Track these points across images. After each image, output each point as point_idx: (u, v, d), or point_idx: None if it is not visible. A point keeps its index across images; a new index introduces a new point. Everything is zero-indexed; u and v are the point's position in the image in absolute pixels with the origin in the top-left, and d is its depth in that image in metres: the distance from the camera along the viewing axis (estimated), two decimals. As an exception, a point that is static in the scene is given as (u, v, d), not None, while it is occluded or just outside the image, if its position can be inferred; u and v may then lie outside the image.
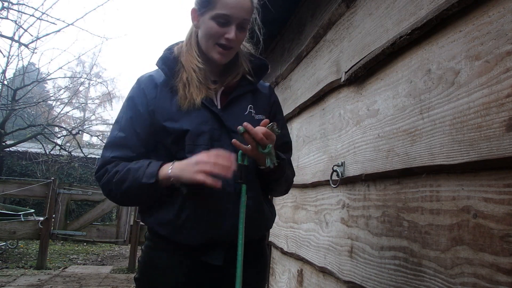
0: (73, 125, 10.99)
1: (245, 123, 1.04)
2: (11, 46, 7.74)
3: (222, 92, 1.20)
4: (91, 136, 11.07)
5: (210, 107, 1.14)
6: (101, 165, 1.15)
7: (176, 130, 1.12)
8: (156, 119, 1.14)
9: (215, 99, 1.19)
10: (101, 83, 13.62)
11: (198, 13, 1.17)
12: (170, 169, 1.05)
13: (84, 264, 6.28)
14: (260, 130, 1.04)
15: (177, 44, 1.25)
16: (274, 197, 2.68)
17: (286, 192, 1.35)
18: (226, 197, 1.11)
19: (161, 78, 1.18)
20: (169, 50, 1.21)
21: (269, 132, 1.06)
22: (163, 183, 1.06)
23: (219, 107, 1.18)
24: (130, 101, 1.18)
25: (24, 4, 6.28)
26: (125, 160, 1.14)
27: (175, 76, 1.16)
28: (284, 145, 1.32)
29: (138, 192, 1.09)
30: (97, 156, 10.16)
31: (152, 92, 1.17)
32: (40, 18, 6.32)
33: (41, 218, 5.92)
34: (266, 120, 1.09)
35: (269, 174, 1.17)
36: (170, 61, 1.18)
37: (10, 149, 8.95)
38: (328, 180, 1.63)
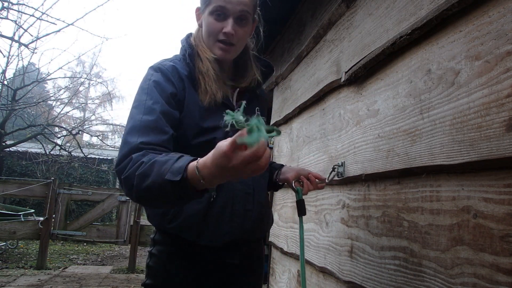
0: (73, 125, 10.98)
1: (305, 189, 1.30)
2: (11, 46, 7.74)
3: (237, 94, 1.21)
4: (91, 136, 11.06)
5: (229, 104, 1.16)
6: (125, 154, 0.93)
7: (204, 129, 1.09)
8: (184, 112, 1.09)
9: (231, 99, 1.19)
10: (101, 83, 13.65)
11: (200, 11, 1.18)
12: (197, 167, 0.81)
13: (84, 264, 6.27)
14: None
15: (190, 35, 1.23)
16: (274, 198, 2.68)
17: None
18: (246, 199, 1.17)
19: (184, 70, 1.13)
20: (189, 43, 1.18)
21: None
22: (192, 182, 0.83)
23: (235, 107, 1.19)
24: (155, 84, 1.05)
25: (24, 4, 6.29)
26: (157, 145, 0.96)
27: (195, 68, 1.13)
28: None
29: (160, 191, 0.86)
30: (97, 156, 10.18)
31: (179, 83, 1.10)
32: (40, 18, 6.32)
33: (41, 218, 5.92)
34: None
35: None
36: (191, 55, 1.15)
37: (10, 149, 8.95)
38: (329, 180, 1.63)
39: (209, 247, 1.13)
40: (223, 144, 0.75)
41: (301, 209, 1.25)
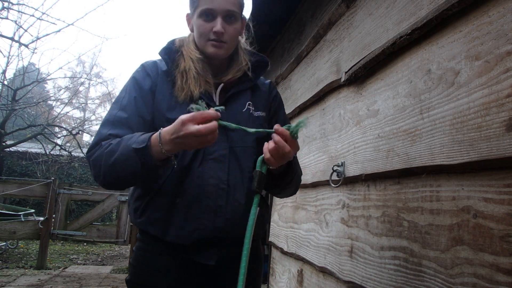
0: (73, 125, 10.99)
1: (276, 127, 0.97)
2: (11, 46, 7.77)
3: (221, 89, 1.19)
4: (91, 136, 11.06)
5: (209, 102, 1.14)
6: (96, 142, 1.09)
7: (170, 120, 1.08)
8: (155, 103, 1.16)
9: (214, 95, 1.18)
10: (101, 83, 13.69)
11: (190, 16, 1.21)
12: (160, 132, 0.98)
13: (84, 264, 6.28)
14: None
15: (180, 37, 1.26)
16: (274, 197, 2.68)
17: (294, 192, 1.29)
18: (219, 194, 1.11)
19: (164, 67, 1.20)
20: (172, 41, 1.23)
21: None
22: (154, 150, 0.98)
23: (217, 103, 1.17)
24: (134, 82, 1.18)
25: (24, 4, 6.31)
26: None
27: (174, 66, 1.17)
28: None
29: (126, 162, 0.99)
30: (97, 156, 10.17)
31: (155, 75, 1.19)
32: (40, 18, 6.34)
33: (41, 218, 5.93)
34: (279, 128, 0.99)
35: (281, 175, 1.12)
36: (171, 52, 1.19)
37: (10, 149, 8.95)
38: (328, 180, 1.63)
39: (179, 245, 1.09)
40: (184, 115, 0.94)
41: (257, 182, 1.02)
